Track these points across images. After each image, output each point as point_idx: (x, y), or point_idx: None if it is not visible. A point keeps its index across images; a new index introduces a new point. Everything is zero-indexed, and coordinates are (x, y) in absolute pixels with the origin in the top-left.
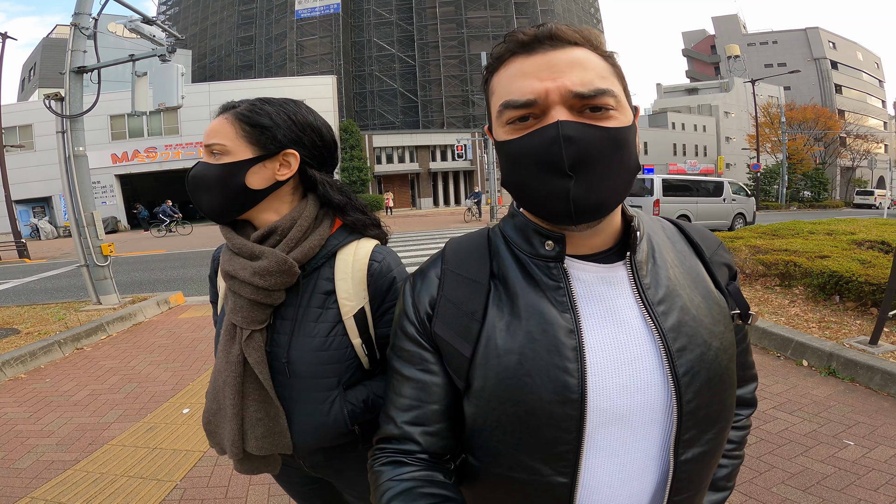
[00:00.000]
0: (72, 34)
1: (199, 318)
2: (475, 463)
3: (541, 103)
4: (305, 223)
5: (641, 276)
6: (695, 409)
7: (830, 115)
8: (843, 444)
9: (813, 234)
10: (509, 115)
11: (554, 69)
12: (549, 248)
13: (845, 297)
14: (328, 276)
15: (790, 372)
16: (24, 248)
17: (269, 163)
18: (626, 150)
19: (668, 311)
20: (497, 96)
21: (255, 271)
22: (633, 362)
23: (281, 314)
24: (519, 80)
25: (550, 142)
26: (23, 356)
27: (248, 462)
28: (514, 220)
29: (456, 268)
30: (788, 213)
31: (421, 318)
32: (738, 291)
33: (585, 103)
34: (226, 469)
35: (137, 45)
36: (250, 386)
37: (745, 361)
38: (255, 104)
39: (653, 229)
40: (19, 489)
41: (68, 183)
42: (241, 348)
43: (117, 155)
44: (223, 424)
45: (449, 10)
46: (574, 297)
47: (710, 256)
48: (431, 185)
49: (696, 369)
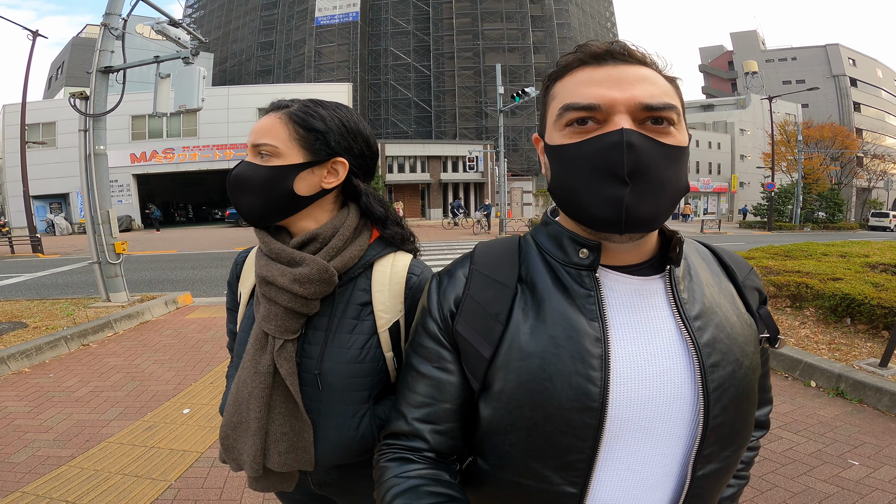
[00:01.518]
0: (101, 34)
1: (206, 319)
2: (484, 466)
3: (604, 110)
4: (347, 232)
5: (679, 291)
6: (719, 424)
7: (848, 133)
8: (847, 463)
9: (826, 256)
10: (570, 117)
11: (622, 81)
12: (583, 256)
13: (857, 319)
14: (364, 287)
15: (797, 392)
16: (39, 242)
17: (318, 169)
18: (680, 169)
19: (704, 327)
20: (558, 100)
21: (294, 278)
22: (662, 374)
23: (313, 324)
24: (585, 87)
25: (612, 147)
26: (28, 350)
27: (265, 479)
28: (548, 229)
29: (484, 269)
30: (802, 234)
31: (444, 315)
32: (769, 315)
33: (650, 115)
34: (221, 471)
35: (162, 47)
36: (278, 398)
37: (765, 385)
38: (309, 106)
39: (689, 249)
40: (11, 483)
41: (87, 180)
42: (273, 358)
43: (136, 155)
44: (244, 439)
45: (465, 21)
46: (604, 306)
47: (743, 280)
48: (441, 195)
49: (727, 386)
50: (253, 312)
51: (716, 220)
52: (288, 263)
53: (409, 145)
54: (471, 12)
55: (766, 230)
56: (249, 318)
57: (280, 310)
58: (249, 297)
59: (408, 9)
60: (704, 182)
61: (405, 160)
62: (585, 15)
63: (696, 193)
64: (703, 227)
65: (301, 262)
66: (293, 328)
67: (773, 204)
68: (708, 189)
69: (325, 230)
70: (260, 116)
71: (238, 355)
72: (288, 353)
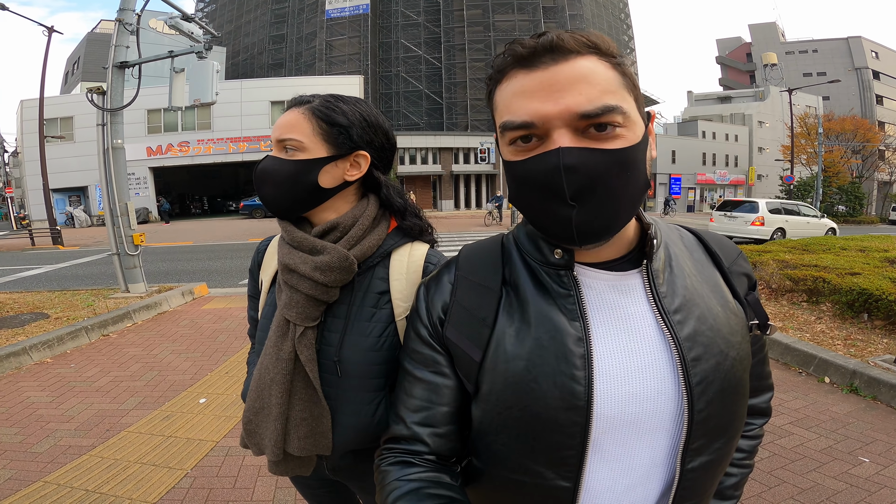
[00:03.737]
0: (116, 29)
1: (221, 310)
2: (480, 465)
3: (540, 126)
4: (366, 222)
5: (658, 285)
6: (706, 418)
7: (870, 126)
8: (858, 460)
9: (845, 251)
10: (510, 136)
11: (555, 88)
12: (557, 257)
13: (874, 315)
14: (382, 275)
15: (811, 388)
16: (59, 235)
17: (341, 162)
18: (633, 171)
19: (684, 320)
20: (498, 114)
21: (316, 266)
22: (644, 370)
23: (333, 312)
24: (518, 100)
25: (551, 170)
26: (50, 341)
27: (285, 463)
28: (527, 228)
29: (469, 274)
30: None
31: (433, 322)
32: (758, 302)
33: (590, 122)
34: (236, 459)
35: (176, 42)
36: (298, 384)
37: (762, 371)
38: (330, 101)
39: (670, 238)
40: (34, 473)
41: (105, 174)
42: (294, 345)
43: (152, 148)
44: (265, 424)
45: (476, 13)
46: (584, 306)
47: (729, 266)
48: (453, 187)
49: (711, 379)
50: (274, 299)
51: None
52: (309, 252)
53: (421, 137)
54: (482, 3)
55: None
56: (271, 306)
57: (301, 297)
58: (270, 285)
59: (418, 1)
60: (721, 174)
61: (416, 152)
62: (598, 6)
63: (711, 186)
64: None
65: (322, 251)
66: (314, 315)
67: (791, 197)
68: (724, 181)
69: (346, 220)
70: (273, 109)
71: (260, 342)
72: (308, 339)
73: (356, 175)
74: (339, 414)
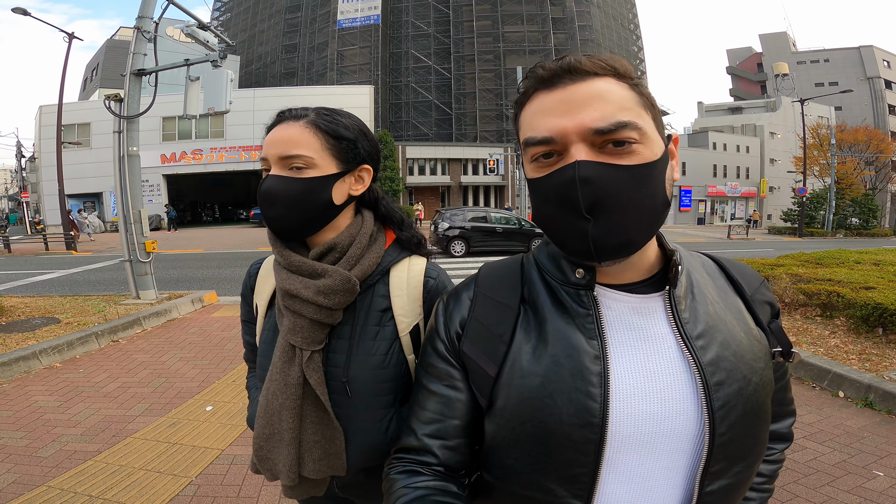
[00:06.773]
0: (134, 37)
1: (230, 318)
2: (491, 480)
3: (559, 141)
4: (364, 240)
5: (680, 311)
6: (727, 441)
7: (883, 137)
8: (872, 474)
9: (859, 264)
10: (532, 153)
11: (573, 105)
12: (579, 276)
13: (889, 329)
14: (383, 293)
15: (825, 403)
16: (72, 240)
17: (348, 177)
18: (650, 188)
19: (707, 346)
20: (522, 132)
21: (318, 290)
22: (663, 391)
23: (336, 333)
24: (539, 118)
25: (568, 183)
26: (60, 346)
27: (300, 486)
28: (548, 248)
29: (488, 291)
30: (834, 240)
31: (451, 337)
32: (781, 330)
33: (606, 139)
34: (240, 468)
35: (191, 50)
36: (309, 408)
37: (784, 398)
38: (329, 114)
39: (692, 265)
40: (38, 477)
41: (120, 181)
42: (302, 370)
43: (166, 155)
44: (278, 449)
45: (486, 24)
46: (602, 325)
47: (752, 294)
48: (462, 198)
49: (733, 403)
50: (273, 324)
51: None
52: (310, 275)
53: (430, 147)
54: (491, 15)
55: (797, 236)
56: (270, 330)
57: (306, 322)
58: (267, 309)
59: (428, 12)
60: (732, 186)
61: (426, 162)
62: (608, 17)
63: (722, 198)
64: (731, 232)
65: (323, 274)
66: (319, 339)
67: (804, 209)
68: (736, 194)
69: (343, 239)
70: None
71: (262, 367)
72: (315, 363)
73: (360, 190)
74: (351, 433)
